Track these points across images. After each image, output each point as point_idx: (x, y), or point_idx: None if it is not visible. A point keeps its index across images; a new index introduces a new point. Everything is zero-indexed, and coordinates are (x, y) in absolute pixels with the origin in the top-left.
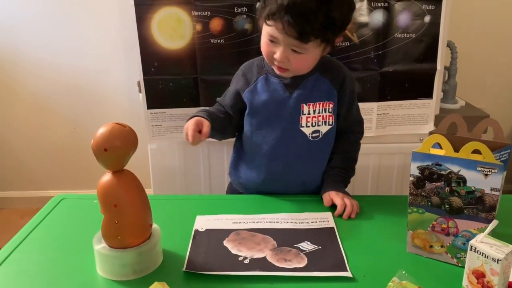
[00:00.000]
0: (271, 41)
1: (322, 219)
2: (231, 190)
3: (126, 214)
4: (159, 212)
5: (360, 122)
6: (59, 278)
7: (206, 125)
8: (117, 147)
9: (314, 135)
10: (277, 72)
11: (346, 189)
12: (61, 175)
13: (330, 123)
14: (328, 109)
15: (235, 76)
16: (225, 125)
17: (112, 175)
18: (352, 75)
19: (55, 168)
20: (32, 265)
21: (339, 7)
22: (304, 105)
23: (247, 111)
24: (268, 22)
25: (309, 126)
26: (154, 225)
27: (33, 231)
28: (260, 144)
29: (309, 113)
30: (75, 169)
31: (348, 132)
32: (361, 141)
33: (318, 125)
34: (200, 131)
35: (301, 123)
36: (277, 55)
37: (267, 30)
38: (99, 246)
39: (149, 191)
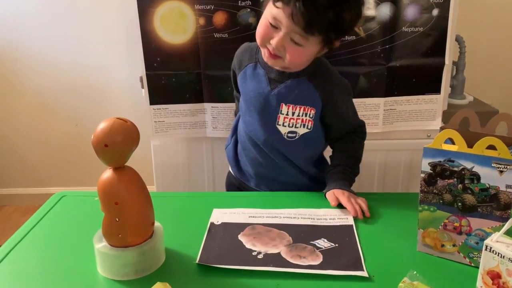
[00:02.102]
0: (272, 25)
1: (340, 217)
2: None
3: (128, 212)
4: (162, 210)
5: (360, 126)
6: (58, 277)
7: None
8: (118, 143)
9: (290, 135)
10: (267, 58)
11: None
12: (64, 172)
13: (309, 127)
14: (309, 114)
15: (234, 57)
16: None
17: (113, 172)
18: (345, 84)
19: (58, 165)
20: (31, 264)
21: (349, 9)
22: (284, 105)
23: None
24: (276, 3)
25: (285, 126)
26: (157, 223)
27: (32, 229)
28: (246, 130)
29: (287, 114)
30: (78, 166)
31: (349, 133)
32: (368, 137)
33: (296, 127)
34: None
35: (278, 121)
36: (273, 41)
37: (271, 12)
38: (100, 245)
39: (152, 188)
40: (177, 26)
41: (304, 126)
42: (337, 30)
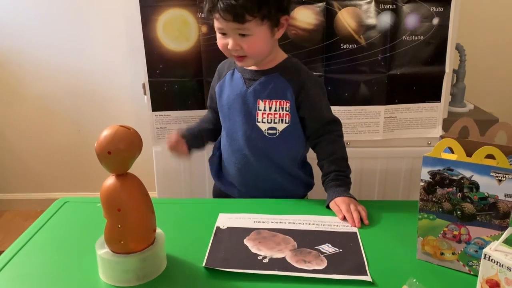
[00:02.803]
0: (222, 34)
1: (344, 223)
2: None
3: (130, 218)
4: (164, 217)
5: (335, 121)
6: (61, 283)
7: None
8: (121, 150)
9: (270, 131)
10: (238, 62)
11: (351, 192)
12: (66, 177)
13: (287, 121)
14: (285, 107)
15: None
16: (204, 133)
17: (116, 179)
18: (316, 79)
19: (60, 171)
20: (34, 269)
21: None
22: (260, 101)
23: (217, 104)
24: (211, 17)
25: (264, 122)
26: (158, 230)
27: (35, 235)
28: (226, 137)
29: (264, 109)
30: (80, 172)
31: (325, 133)
32: (368, 145)
33: (275, 123)
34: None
35: (257, 118)
36: (229, 45)
37: (214, 25)
38: (102, 251)
39: (153, 195)
40: (180, 34)
41: (282, 121)
42: (266, 4)
